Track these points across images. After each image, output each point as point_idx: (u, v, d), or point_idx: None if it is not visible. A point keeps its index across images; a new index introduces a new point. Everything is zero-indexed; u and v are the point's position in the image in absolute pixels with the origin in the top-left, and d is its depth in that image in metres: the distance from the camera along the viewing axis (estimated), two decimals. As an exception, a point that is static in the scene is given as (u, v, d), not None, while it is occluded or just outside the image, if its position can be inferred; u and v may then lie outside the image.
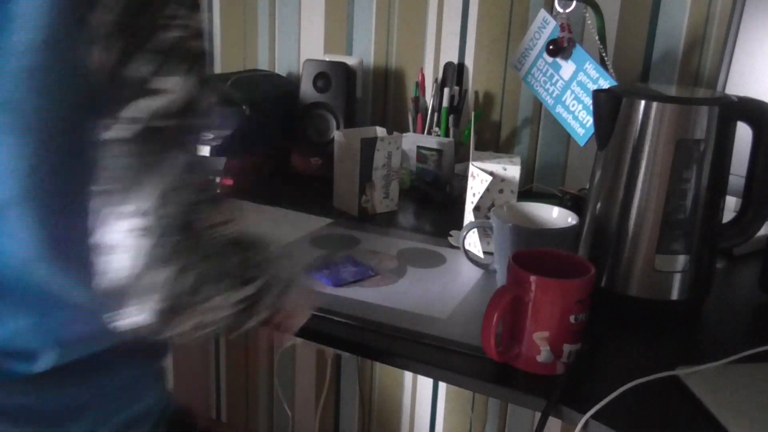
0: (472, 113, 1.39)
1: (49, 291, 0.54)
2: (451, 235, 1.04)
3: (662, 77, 1.24)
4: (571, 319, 0.68)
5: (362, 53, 1.48)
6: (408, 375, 1.66)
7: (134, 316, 0.52)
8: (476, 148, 1.40)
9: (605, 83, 1.09)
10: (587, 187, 0.90)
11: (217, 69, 1.62)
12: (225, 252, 0.55)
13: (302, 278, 0.75)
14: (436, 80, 1.40)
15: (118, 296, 0.52)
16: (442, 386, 1.62)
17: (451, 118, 1.34)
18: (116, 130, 0.51)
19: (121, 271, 0.51)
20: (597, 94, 0.83)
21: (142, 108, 0.51)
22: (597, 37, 1.15)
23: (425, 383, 1.64)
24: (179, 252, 0.52)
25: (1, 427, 0.54)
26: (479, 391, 0.71)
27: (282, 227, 1.06)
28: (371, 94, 1.50)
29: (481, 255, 0.97)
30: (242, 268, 0.58)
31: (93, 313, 0.55)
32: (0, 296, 0.54)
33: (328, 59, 1.40)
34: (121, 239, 0.51)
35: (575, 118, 1.14)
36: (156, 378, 0.67)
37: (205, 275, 0.54)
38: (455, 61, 1.40)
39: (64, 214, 0.53)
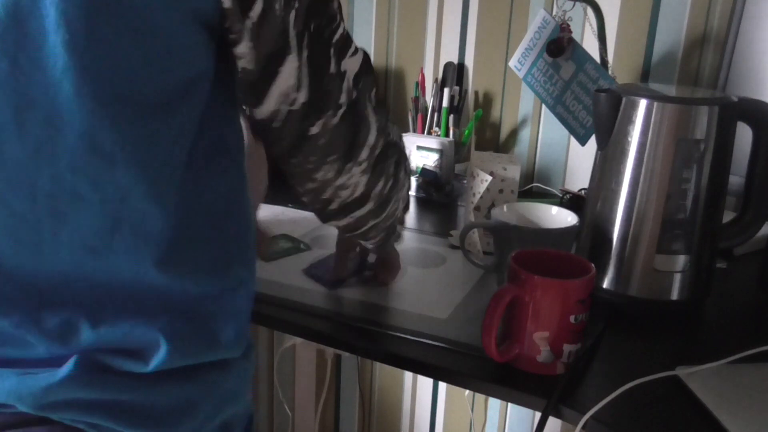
0: (473, 113, 1.39)
1: (161, 293, 0.54)
2: (451, 235, 1.04)
3: (662, 77, 1.24)
4: (571, 319, 0.68)
5: (362, 53, 1.48)
6: (408, 375, 1.66)
7: (352, 214, 0.70)
8: (476, 148, 1.40)
9: (605, 83, 1.09)
10: (587, 187, 0.91)
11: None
12: (406, 156, 0.74)
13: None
14: (436, 80, 1.40)
15: (340, 212, 0.69)
16: (442, 386, 1.62)
17: (451, 118, 1.34)
18: (328, 122, 0.60)
19: (344, 198, 0.67)
20: (597, 94, 0.83)
21: (343, 89, 0.61)
22: (597, 37, 1.15)
23: (425, 383, 1.64)
24: (383, 171, 0.68)
25: (112, 425, 0.53)
26: (479, 391, 0.71)
27: (282, 225, 1.06)
28: (371, 94, 1.50)
29: (481, 255, 0.97)
30: (401, 162, 0.73)
31: (202, 315, 0.57)
32: (112, 297, 0.54)
33: (328, 59, 1.40)
34: (345, 181, 0.65)
35: (575, 118, 1.14)
36: (250, 380, 0.67)
37: (399, 177, 0.71)
38: (455, 61, 1.40)
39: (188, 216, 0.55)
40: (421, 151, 1.27)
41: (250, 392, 0.67)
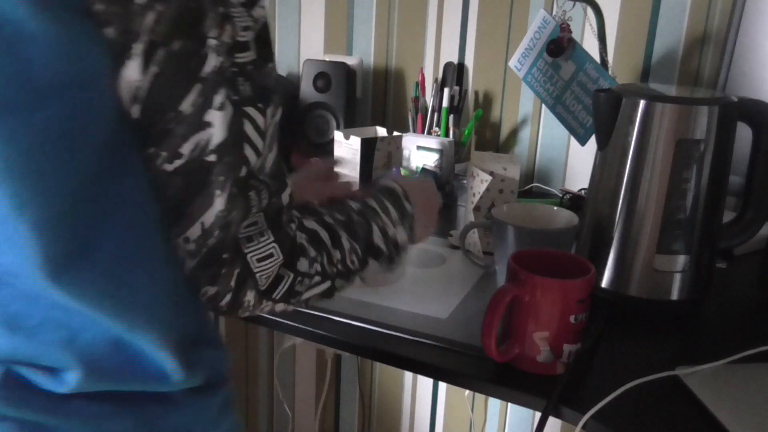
0: (473, 113, 1.39)
1: (72, 310, 0.52)
2: (451, 235, 1.04)
3: (662, 77, 1.24)
4: (571, 319, 0.68)
5: (362, 53, 1.49)
6: (408, 375, 1.66)
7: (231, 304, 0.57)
8: (476, 148, 1.40)
9: (605, 83, 1.09)
10: (587, 187, 0.90)
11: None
12: (255, 279, 0.56)
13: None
14: (436, 80, 1.40)
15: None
16: (442, 386, 1.62)
17: (451, 118, 1.34)
18: (154, 161, 0.51)
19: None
20: (597, 94, 0.83)
21: (193, 142, 0.50)
22: (597, 37, 1.15)
23: (425, 383, 1.64)
24: (216, 278, 0.54)
25: None
26: (479, 391, 0.71)
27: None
28: (371, 94, 1.50)
29: (481, 255, 0.97)
30: (297, 284, 0.59)
31: (123, 339, 0.54)
32: (29, 307, 0.52)
33: (328, 59, 1.40)
34: (178, 253, 0.54)
35: (575, 118, 1.14)
36: (220, 413, 0.63)
37: (243, 299, 0.56)
38: (455, 61, 1.40)
39: (90, 235, 0.51)
40: (421, 151, 1.27)
41: (226, 430, 0.63)
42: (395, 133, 1.16)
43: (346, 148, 1.14)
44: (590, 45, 1.23)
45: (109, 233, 0.51)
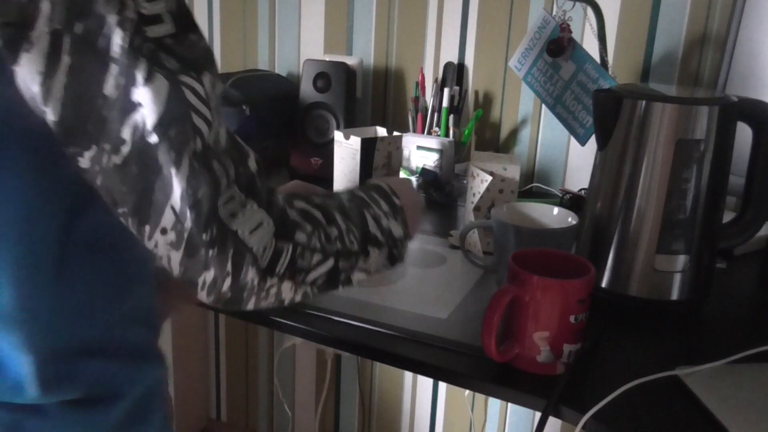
0: (473, 113, 1.39)
1: (34, 323, 0.51)
2: (451, 235, 1.04)
3: (662, 77, 1.24)
4: (571, 319, 0.68)
5: (362, 53, 1.49)
6: (408, 375, 1.66)
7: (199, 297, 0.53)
8: (476, 148, 1.40)
9: (605, 83, 1.09)
10: (587, 187, 0.90)
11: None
12: (253, 254, 0.53)
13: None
14: (436, 80, 1.40)
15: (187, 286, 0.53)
16: (442, 386, 1.62)
17: (451, 118, 1.34)
18: (100, 158, 0.48)
19: (168, 272, 0.52)
20: (597, 94, 0.83)
21: (130, 126, 0.48)
22: (597, 37, 1.15)
23: (425, 383, 1.64)
24: (210, 260, 0.51)
25: None
26: (479, 391, 0.71)
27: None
28: (371, 94, 1.50)
29: (481, 255, 0.97)
30: (300, 258, 0.56)
31: (72, 354, 0.53)
32: None
33: (328, 59, 1.40)
34: (152, 248, 0.51)
35: (575, 118, 1.14)
36: (118, 429, 0.59)
37: (246, 278, 0.53)
38: (455, 61, 1.40)
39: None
40: (421, 151, 1.27)
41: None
42: (395, 133, 1.16)
43: (346, 148, 1.14)
44: (590, 45, 1.24)
45: None
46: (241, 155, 0.53)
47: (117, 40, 0.46)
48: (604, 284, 0.84)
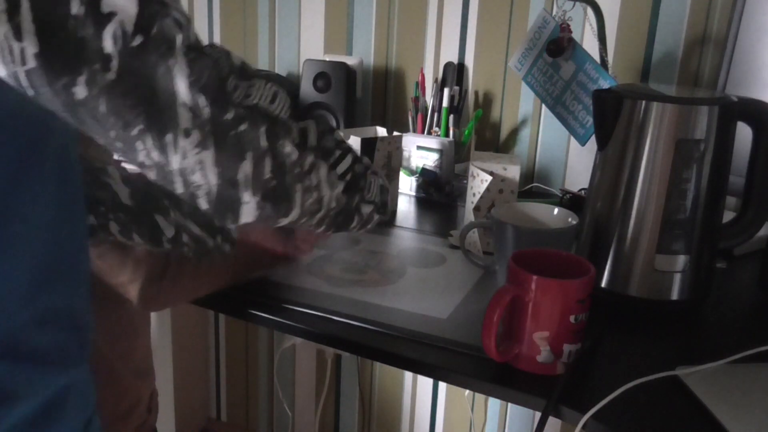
0: (473, 113, 1.39)
1: None
2: (451, 235, 1.04)
3: (662, 77, 1.24)
4: (571, 319, 0.68)
5: (362, 53, 1.49)
6: (408, 375, 1.66)
7: (243, 216, 0.53)
8: (476, 148, 1.40)
9: (605, 83, 1.09)
10: (587, 187, 0.91)
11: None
12: (284, 122, 0.54)
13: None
14: (436, 80, 1.40)
15: (216, 210, 0.52)
16: (442, 386, 1.62)
17: (451, 118, 1.34)
18: (95, 79, 0.47)
19: (203, 188, 0.51)
20: (597, 94, 0.83)
21: (109, 37, 0.46)
22: (597, 37, 1.15)
23: (425, 383, 1.64)
24: (244, 142, 0.50)
25: None
26: (479, 391, 0.71)
27: (282, 227, 1.06)
28: (371, 94, 1.50)
29: (481, 255, 0.97)
30: (323, 139, 0.57)
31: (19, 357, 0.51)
32: None
33: (328, 59, 1.40)
34: (182, 162, 0.50)
35: (575, 118, 1.14)
36: None
37: (284, 151, 0.53)
38: (455, 61, 1.40)
39: None
40: (421, 151, 1.27)
41: None
42: (395, 133, 1.16)
43: (346, 148, 1.14)
44: (590, 45, 1.24)
45: None
46: (222, 51, 0.53)
47: None
48: (604, 284, 0.84)
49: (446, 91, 1.34)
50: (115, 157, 0.61)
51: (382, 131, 1.20)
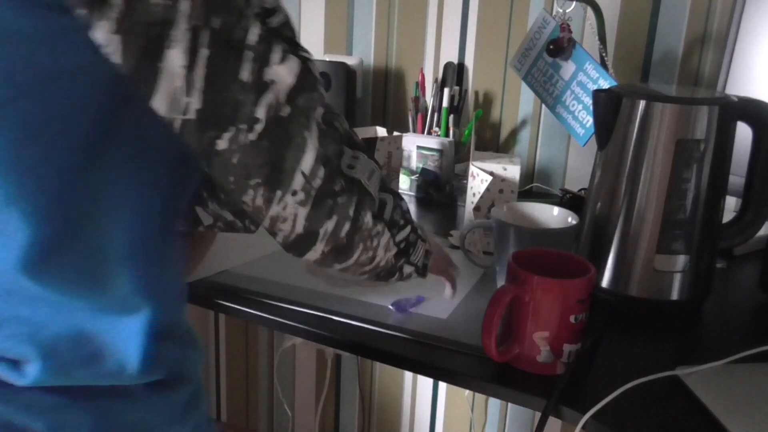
0: (473, 113, 1.39)
1: (38, 301, 0.52)
2: (451, 235, 1.04)
3: (662, 77, 1.24)
4: (571, 319, 0.68)
5: (362, 53, 1.49)
6: (408, 375, 1.66)
7: (306, 257, 0.60)
8: (476, 148, 1.40)
9: (605, 83, 1.09)
10: (587, 187, 0.91)
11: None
12: (373, 198, 0.61)
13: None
14: (436, 80, 1.40)
15: (286, 246, 0.59)
16: (442, 386, 1.62)
17: (451, 118, 1.34)
18: (237, 138, 0.52)
19: (285, 232, 0.58)
20: (597, 94, 0.83)
21: (264, 105, 0.52)
22: (597, 37, 1.15)
23: (425, 383, 1.64)
24: (336, 208, 0.58)
25: None
26: (479, 391, 0.71)
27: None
28: (371, 94, 1.50)
29: (481, 255, 0.97)
30: (394, 212, 0.65)
31: (86, 333, 0.54)
32: (5, 303, 0.52)
33: (328, 59, 1.40)
34: (279, 211, 0.56)
35: (575, 118, 1.14)
36: (185, 411, 0.62)
37: (364, 220, 0.60)
38: (455, 61, 1.40)
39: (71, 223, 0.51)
40: (421, 151, 1.27)
41: (192, 429, 0.63)
42: (395, 133, 1.16)
43: (346, 148, 1.14)
44: (590, 45, 1.24)
45: (93, 225, 0.52)
46: (340, 115, 0.60)
47: (255, 30, 0.51)
48: (604, 284, 0.84)
49: (446, 91, 1.34)
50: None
51: (382, 131, 1.20)
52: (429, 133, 1.36)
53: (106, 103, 0.51)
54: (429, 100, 1.38)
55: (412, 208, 1.22)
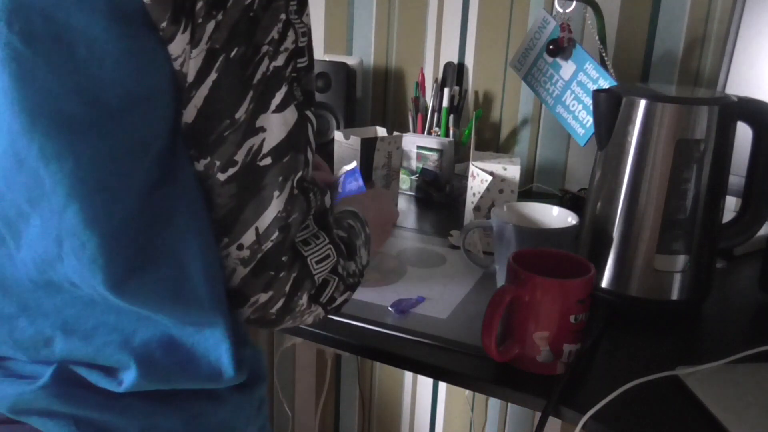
0: (473, 113, 1.39)
1: (130, 314, 0.53)
2: (451, 235, 1.04)
3: (662, 77, 1.24)
4: (571, 319, 0.68)
5: (362, 53, 1.49)
6: (408, 375, 1.66)
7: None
8: (476, 148, 1.40)
9: (605, 83, 1.09)
10: (587, 187, 0.91)
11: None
12: (313, 280, 0.58)
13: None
14: (436, 80, 1.40)
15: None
16: (442, 386, 1.62)
17: (451, 118, 1.34)
18: (211, 169, 0.52)
19: (232, 284, 0.56)
20: (597, 94, 0.83)
21: (246, 148, 0.51)
22: (597, 37, 1.15)
23: (425, 383, 1.64)
24: (272, 283, 0.55)
25: None
26: (479, 391, 0.71)
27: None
28: (371, 94, 1.50)
29: (481, 255, 0.97)
30: (335, 290, 0.61)
31: (177, 341, 0.55)
32: (85, 311, 0.53)
33: (328, 59, 1.40)
34: (226, 260, 0.55)
35: (575, 118, 1.14)
36: (258, 409, 0.63)
37: (295, 303, 0.57)
38: (455, 61, 1.40)
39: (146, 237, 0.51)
40: (421, 151, 1.27)
41: (260, 427, 0.64)
42: (395, 133, 1.16)
43: (346, 148, 1.14)
44: (590, 45, 1.24)
45: (169, 240, 0.51)
46: (322, 189, 0.58)
47: (262, 70, 0.50)
48: (604, 284, 0.84)
49: (446, 91, 1.34)
50: None
51: (382, 131, 1.20)
52: (429, 133, 1.36)
53: (174, 126, 0.51)
54: (429, 100, 1.38)
55: (413, 208, 1.22)
